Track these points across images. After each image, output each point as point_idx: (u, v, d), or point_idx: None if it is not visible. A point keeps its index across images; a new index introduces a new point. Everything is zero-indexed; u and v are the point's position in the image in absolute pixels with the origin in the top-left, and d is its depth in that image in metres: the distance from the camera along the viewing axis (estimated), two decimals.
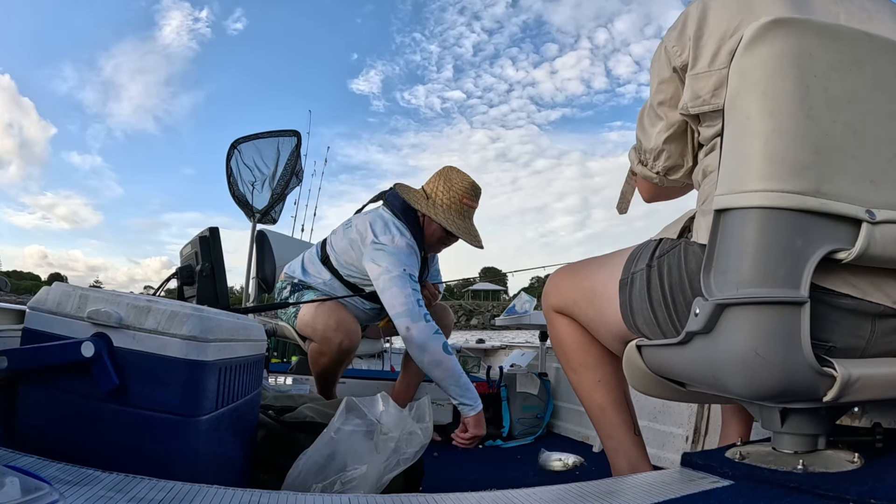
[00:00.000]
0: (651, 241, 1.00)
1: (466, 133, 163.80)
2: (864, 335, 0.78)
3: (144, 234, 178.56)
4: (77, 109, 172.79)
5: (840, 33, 0.75)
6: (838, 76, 0.73)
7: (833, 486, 0.71)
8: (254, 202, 3.02)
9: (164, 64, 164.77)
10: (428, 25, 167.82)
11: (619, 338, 1.04)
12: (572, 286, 1.17)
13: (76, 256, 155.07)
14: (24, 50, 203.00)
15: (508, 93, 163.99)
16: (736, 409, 1.27)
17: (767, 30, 0.73)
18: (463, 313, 60.79)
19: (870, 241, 0.71)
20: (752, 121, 0.73)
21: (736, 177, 0.75)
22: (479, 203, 2.15)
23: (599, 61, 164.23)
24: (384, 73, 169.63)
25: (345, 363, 2.07)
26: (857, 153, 0.73)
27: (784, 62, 0.72)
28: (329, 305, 2.03)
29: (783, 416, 0.85)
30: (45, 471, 0.68)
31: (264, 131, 3.16)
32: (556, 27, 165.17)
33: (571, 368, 1.21)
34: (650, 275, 0.95)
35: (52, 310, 0.88)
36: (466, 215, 2.10)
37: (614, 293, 1.02)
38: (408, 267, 1.93)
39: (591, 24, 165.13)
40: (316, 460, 1.08)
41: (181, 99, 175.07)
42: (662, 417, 1.95)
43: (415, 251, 2.01)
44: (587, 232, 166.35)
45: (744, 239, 0.73)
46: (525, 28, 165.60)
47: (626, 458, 1.14)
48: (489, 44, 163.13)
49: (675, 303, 0.90)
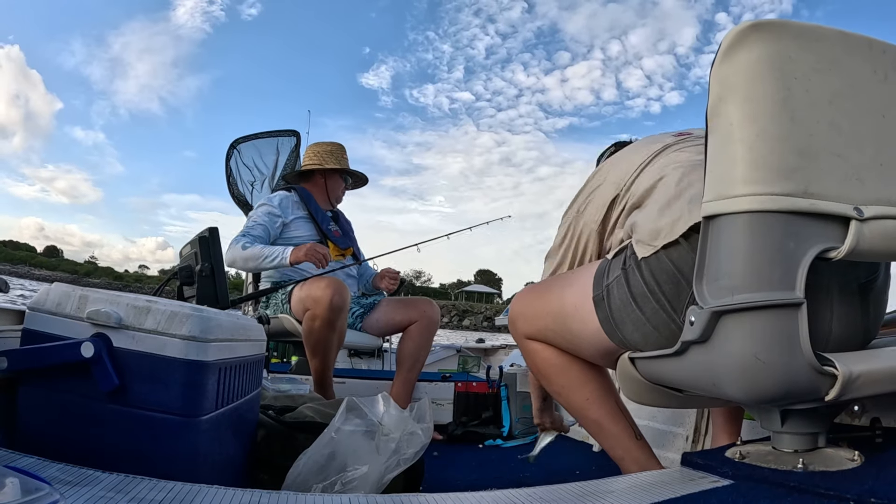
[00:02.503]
0: (616, 254, 1.01)
1: (472, 135, 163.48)
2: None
3: (142, 213, 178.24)
4: (83, 84, 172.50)
5: (818, 34, 0.75)
6: (819, 77, 0.74)
7: (833, 485, 0.71)
8: (253, 202, 3.02)
9: (173, 45, 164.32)
10: (442, 25, 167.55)
11: (605, 353, 1.03)
12: (540, 312, 1.15)
13: (72, 231, 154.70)
14: (34, 21, 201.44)
15: (517, 98, 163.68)
16: (725, 410, 1.27)
17: (745, 35, 0.73)
18: (456, 314, 60.77)
19: (859, 238, 0.71)
20: (736, 126, 0.73)
21: (723, 183, 0.74)
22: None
23: (611, 73, 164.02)
24: (395, 69, 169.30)
25: (337, 330, 2.10)
26: (842, 152, 0.74)
27: (764, 66, 0.72)
28: (316, 276, 2.23)
29: (783, 415, 0.85)
30: (46, 471, 0.68)
31: (263, 131, 3.16)
32: (570, 36, 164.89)
33: (556, 392, 1.19)
34: (628, 275, 0.94)
35: (51, 310, 0.88)
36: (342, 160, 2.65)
37: (590, 311, 1.01)
38: (252, 216, 2.40)
39: (606, 35, 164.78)
40: (316, 460, 1.08)
41: (187, 81, 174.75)
42: (662, 417, 1.95)
43: (271, 204, 2.42)
44: None
45: (735, 244, 0.73)
46: (539, 34, 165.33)
47: (636, 464, 1.12)
48: (502, 47, 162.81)
49: (659, 286, 0.89)
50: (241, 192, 3.06)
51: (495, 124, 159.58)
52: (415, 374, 2.36)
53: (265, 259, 2.24)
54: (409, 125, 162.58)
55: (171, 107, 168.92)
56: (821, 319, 0.79)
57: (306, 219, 2.46)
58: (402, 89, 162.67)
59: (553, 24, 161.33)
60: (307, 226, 2.45)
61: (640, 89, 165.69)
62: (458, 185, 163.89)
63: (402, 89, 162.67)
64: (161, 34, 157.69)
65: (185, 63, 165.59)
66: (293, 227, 2.42)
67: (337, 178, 2.63)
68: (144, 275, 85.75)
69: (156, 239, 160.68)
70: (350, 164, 2.66)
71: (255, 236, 2.31)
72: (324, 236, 2.46)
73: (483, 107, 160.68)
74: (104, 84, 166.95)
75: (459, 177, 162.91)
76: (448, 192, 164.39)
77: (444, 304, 58.96)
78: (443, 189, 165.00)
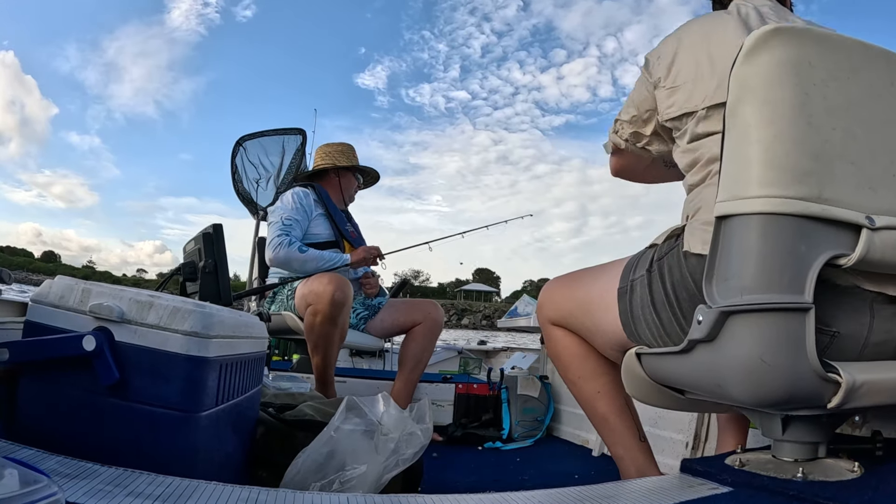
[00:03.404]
0: (648, 249, 1.01)
1: (469, 134, 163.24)
2: (864, 322, 0.78)
3: (139, 216, 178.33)
4: (78, 89, 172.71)
5: (838, 43, 0.76)
6: (837, 84, 0.74)
7: (832, 495, 0.71)
8: (258, 199, 3.03)
9: (167, 48, 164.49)
10: (437, 24, 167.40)
11: (618, 346, 1.04)
12: (568, 297, 1.17)
13: (70, 236, 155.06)
14: (28, 27, 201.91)
15: (514, 96, 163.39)
16: (731, 417, 1.26)
17: (767, 39, 0.73)
18: (455, 312, 60.83)
19: (869, 247, 0.71)
20: (753, 127, 0.74)
21: (738, 183, 0.75)
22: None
23: (607, 70, 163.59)
24: (391, 69, 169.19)
25: (339, 326, 2.10)
26: (856, 160, 0.74)
27: (784, 70, 0.73)
28: (319, 273, 2.22)
29: (784, 423, 0.84)
30: (45, 463, 0.69)
31: (270, 129, 3.17)
32: (565, 33, 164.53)
33: (570, 380, 1.21)
34: (651, 279, 0.95)
35: (54, 303, 0.89)
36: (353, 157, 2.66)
37: (612, 302, 1.03)
38: (285, 213, 2.35)
39: (601, 32, 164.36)
40: (315, 459, 1.08)
41: (182, 84, 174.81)
42: (663, 423, 1.94)
43: (299, 201, 2.39)
44: (582, 239, 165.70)
45: (747, 245, 0.73)
46: (535, 32, 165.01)
47: (634, 464, 1.13)
48: (498, 46, 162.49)
49: (678, 300, 0.90)
50: (247, 190, 3.07)
51: (492, 123, 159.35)
52: (416, 375, 2.37)
53: (326, 263, 2.27)
54: (406, 125, 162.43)
55: (166, 110, 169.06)
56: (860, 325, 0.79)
57: (324, 217, 2.45)
58: (398, 89, 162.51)
59: (548, 22, 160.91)
60: (325, 224, 2.45)
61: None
62: (456, 184, 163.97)
63: (398, 89, 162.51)
64: (155, 37, 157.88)
65: (179, 66, 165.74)
66: (312, 225, 2.42)
67: (350, 177, 2.63)
68: (142, 279, 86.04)
69: (153, 242, 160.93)
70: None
71: (296, 236, 2.31)
72: (341, 236, 2.45)
73: (479, 105, 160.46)
74: (99, 88, 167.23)
75: (456, 176, 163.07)
76: (445, 191, 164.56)
77: (442, 302, 59.15)
78: (440, 188, 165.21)
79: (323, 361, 2.14)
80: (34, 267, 75.56)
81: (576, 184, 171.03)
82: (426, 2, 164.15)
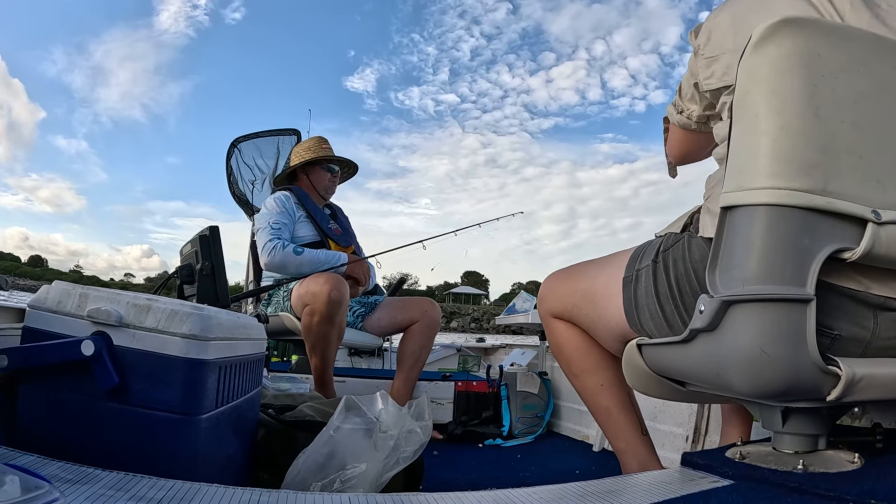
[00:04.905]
0: (655, 239, 1.00)
1: (458, 137, 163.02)
2: (867, 326, 0.78)
3: (127, 221, 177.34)
4: (65, 93, 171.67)
5: (848, 34, 0.75)
6: (846, 76, 0.73)
7: (833, 487, 0.71)
8: (254, 201, 3.02)
9: (154, 52, 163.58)
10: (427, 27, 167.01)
11: (620, 338, 1.04)
12: (570, 289, 1.17)
13: (57, 240, 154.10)
14: (14, 30, 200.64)
15: (503, 99, 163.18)
16: (736, 408, 1.27)
17: (776, 29, 0.73)
18: (443, 316, 60.97)
19: (875, 241, 0.71)
20: (761, 118, 0.73)
21: (744, 174, 0.75)
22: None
23: (595, 73, 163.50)
24: (380, 72, 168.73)
25: (336, 325, 2.09)
26: (863, 153, 0.73)
27: (792, 61, 0.72)
28: (315, 273, 2.22)
29: (784, 415, 0.85)
30: (45, 469, 0.68)
31: (264, 130, 3.15)
32: (554, 36, 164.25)
33: (573, 374, 1.21)
34: (656, 269, 0.95)
35: (52, 308, 0.88)
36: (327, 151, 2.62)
37: (617, 292, 1.02)
38: (272, 217, 2.34)
39: (590, 35, 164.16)
40: (315, 459, 1.08)
41: (169, 88, 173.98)
42: (663, 417, 1.95)
43: (282, 204, 2.40)
44: (571, 241, 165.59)
45: (751, 236, 0.73)
46: (524, 35, 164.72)
47: (636, 458, 1.13)
48: (487, 49, 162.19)
49: (682, 294, 0.90)
50: (242, 191, 3.06)
51: (481, 126, 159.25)
52: (415, 373, 2.37)
53: (323, 265, 2.26)
54: (395, 128, 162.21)
55: (153, 114, 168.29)
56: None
57: (306, 218, 2.44)
58: (387, 92, 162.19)
59: (538, 25, 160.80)
60: (308, 226, 2.44)
61: (624, 89, 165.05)
62: (444, 187, 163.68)
63: (387, 92, 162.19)
64: (143, 41, 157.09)
65: (166, 69, 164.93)
66: (296, 228, 2.41)
67: (318, 171, 2.57)
68: (130, 283, 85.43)
69: (141, 247, 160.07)
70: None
71: (286, 239, 2.31)
72: (325, 236, 2.44)
73: (468, 108, 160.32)
74: (86, 92, 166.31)
75: (445, 179, 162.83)
76: (434, 194, 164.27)
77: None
78: (429, 191, 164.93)
79: (321, 361, 2.14)
80: (21, 272, 74.84)
81: (564, 186, 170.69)
82: (416, 5, 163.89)
